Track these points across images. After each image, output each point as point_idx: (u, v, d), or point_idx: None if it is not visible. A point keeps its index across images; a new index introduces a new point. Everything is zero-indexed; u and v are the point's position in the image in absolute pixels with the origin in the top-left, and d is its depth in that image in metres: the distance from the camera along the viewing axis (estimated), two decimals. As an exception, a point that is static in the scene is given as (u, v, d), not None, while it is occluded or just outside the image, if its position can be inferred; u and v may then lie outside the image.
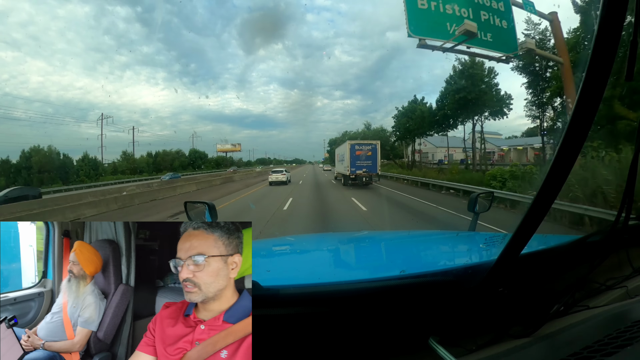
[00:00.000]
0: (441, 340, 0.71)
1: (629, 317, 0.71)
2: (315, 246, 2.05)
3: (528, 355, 0.67)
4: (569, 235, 1.11)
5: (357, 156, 16.81)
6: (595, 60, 0.50)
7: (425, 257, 1.60)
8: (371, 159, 16.84)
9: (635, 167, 0.67)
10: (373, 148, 17.08)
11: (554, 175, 0.56)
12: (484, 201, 1.84)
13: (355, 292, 0.77)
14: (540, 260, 0.88)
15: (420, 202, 11.53)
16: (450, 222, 7.83)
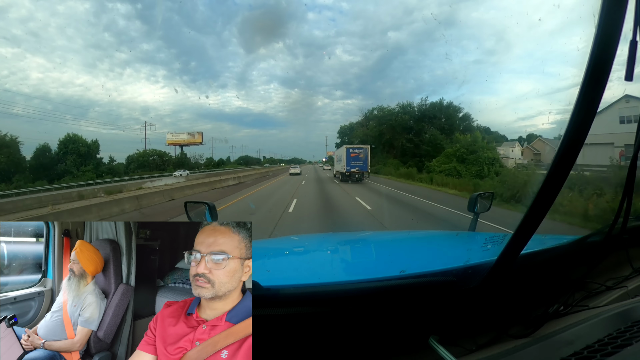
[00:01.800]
0: (441, 340, 0.71)
1: (629, 317, 0.72)
2: (315, 246, 2.05)
3: (528, 355, 0.67)
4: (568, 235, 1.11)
5: (351, 157, 21.80)
6: (596, 60, 0.50)
7: (425, 257, 1.60)
8: (363, 160, 21.95)
9: (634, 167, 0.68)
10: (364, 151, 22.16)
11: (554, 175, 0.56)
12: (484, 201, 1.84)
13: (355, 292, 0.77)
14: (540, 260, 0.89)
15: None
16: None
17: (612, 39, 0.49)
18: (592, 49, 0.50)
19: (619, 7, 0.48)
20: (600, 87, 0.51)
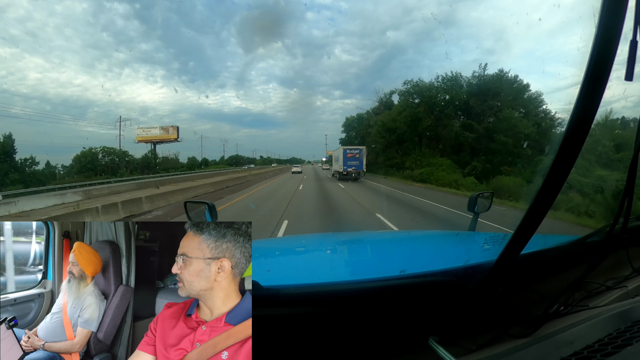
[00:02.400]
0: (441, 340, 0.71)
1: (629, 317, 0.71)
2: (315, 246, 2.05)
3: (528, 355, 0.67)
4: (568, 235, 1.10)
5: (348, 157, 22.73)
6: (596, 60, 0.50)
7: (425, 257, 1.60)
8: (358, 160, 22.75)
9: (634, 167, 0.67)
10: (360, 151, 22.97)
11: (554, 175, 0.56)
12: (484, 201, 1.84)
13: (355, 292, 0.77)
14: (540, 260, 0.88)
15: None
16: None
17: (612, 39, 0.49)
18: (592, 49, 0.50)
19: (619, 7, 0.48)
20: (601, 87, 0.51)
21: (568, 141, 0.54)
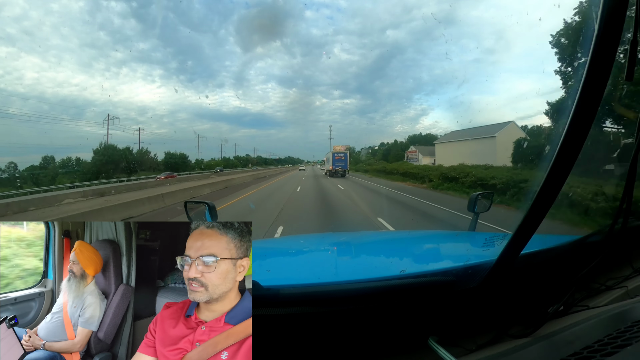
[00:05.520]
0: (441, 340, 0.71)
1: (629, 317, 0.71)
2: (315, 246, 2.05)
3: (528, 355, 0.67)
4: (568, 235, 1.10)
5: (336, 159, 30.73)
6: (595, 60, 0.50)
7: (425, 257, 1.60)
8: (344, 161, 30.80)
9: (634, 167, 0.68)
10: (345, 154, 31.01)
11: (554, 175, 0.56)
12: (484, 201, 1.84)
13: (355, 292, 0.77)
14: (540, 260, 0.88)
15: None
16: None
17: (612, 39, 0.49)
18: (592, 49, 0.50)
19: (619, 7, 0.48)
20: (601, 87, 0.51)
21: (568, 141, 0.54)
